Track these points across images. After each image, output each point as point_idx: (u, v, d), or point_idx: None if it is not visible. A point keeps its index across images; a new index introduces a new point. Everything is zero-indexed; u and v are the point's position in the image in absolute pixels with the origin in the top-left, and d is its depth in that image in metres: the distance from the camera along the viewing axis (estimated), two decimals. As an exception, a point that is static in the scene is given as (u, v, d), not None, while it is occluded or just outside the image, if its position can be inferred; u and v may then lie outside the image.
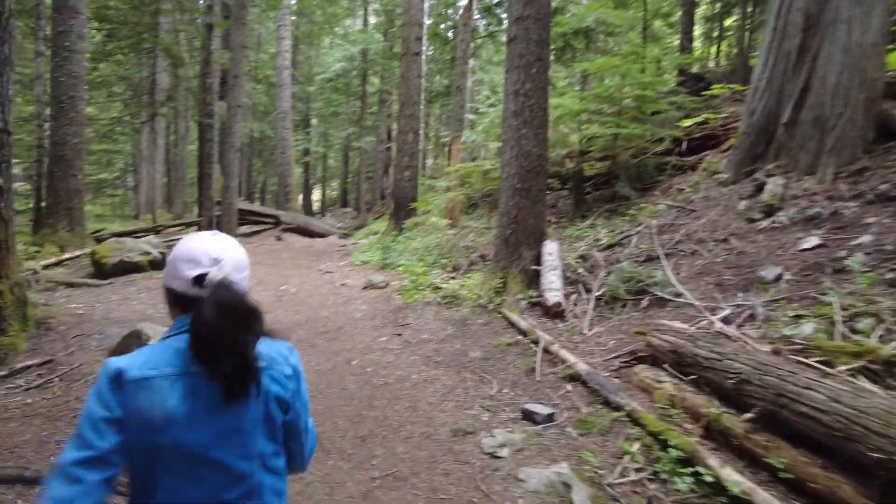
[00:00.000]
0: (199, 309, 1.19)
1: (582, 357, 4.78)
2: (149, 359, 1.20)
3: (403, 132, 13.16)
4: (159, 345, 1.26)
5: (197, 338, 1.17)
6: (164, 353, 1.22)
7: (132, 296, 7.19)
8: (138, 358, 1.21)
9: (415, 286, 7.66)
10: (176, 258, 1.32)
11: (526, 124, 6.69)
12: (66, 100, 9.17)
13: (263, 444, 1.27)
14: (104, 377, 1.17)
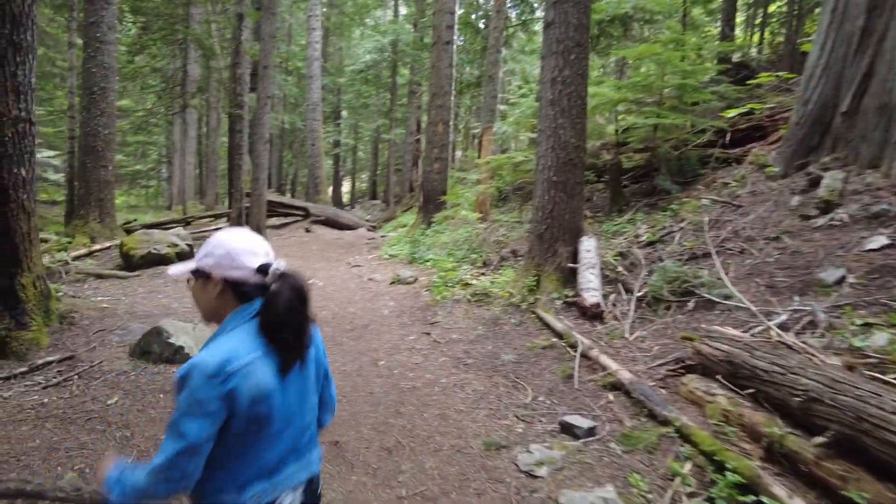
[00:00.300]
0: (277, 295, 1.37)
1: (624, 364, 4.45)
2: (238, 347, 1.33)
3: (433, 123, 12.88)
4: (236, 334, 1.36)
5: (279, 320, 1.37)
6: (247, 339, 1.35)
7: (158, 289, 7.10)
8: (225, 350, 1.31)
9: (444, 282, 7.40)
10: (236, 251, 1.40)
11: (563, 113, 6.33)
12: (98, 91, 9.15)
13: (315, 397, 1.57)
14: (200, 377, 1.27)
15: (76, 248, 8.62)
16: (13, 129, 4.45)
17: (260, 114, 12.79)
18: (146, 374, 4.18)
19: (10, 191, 4.45)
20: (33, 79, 4.63)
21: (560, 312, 5.79)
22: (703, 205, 7.48)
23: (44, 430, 3.15)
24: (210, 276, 1.42)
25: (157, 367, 4.32)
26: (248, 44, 13.64)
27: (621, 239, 7.57)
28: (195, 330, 4.81)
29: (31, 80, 4.62)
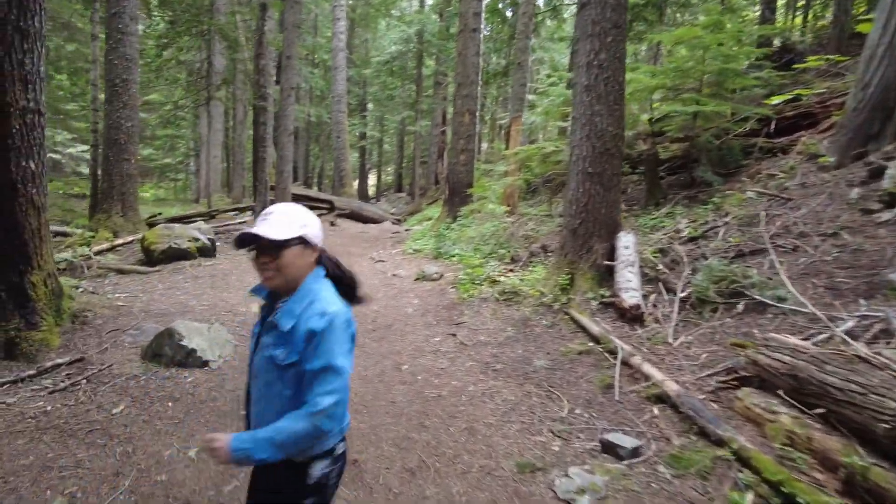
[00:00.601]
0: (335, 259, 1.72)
1: (669, 373, 4.06)
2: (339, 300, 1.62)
3: (459, 113, 12.50)
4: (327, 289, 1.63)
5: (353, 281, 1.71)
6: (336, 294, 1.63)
7: (178, 285, 6.93)
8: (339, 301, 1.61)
9: (470, 280, 7.06)
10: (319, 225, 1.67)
11: (600, 100, 5.91)
12: (120, 83, 9.02)
13: None
14: (343, 320, 1.56)
15: (99, 242, 8.53)
16: (21, 121, 4.25)
17: (284, 105, 12.60)
18: (157, 379, 3.95)
19: (19, 185, 4.26)
20: (42, 67, 4.42)
21: (596, 314, 5.40)
22: (748, 198, 6.98)
23: (40, 444, 2.92)
24: (314, 246, 1.63)
25: (169, 371, 4.09)
26: (271, 35, 13.44)
27: (660, 234, 7.12)
28: (210, 331, 4.58)
29: (40, 69, 4.41)
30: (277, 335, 1.56)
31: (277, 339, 1.56)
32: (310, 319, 1.51)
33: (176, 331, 4.22)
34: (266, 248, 1.55)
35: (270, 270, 1.57)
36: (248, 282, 7.39)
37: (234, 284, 7.16)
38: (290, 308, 1.56)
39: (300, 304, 1.56)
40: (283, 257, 1.54)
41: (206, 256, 8.44)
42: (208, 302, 6.16)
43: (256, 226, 1.55)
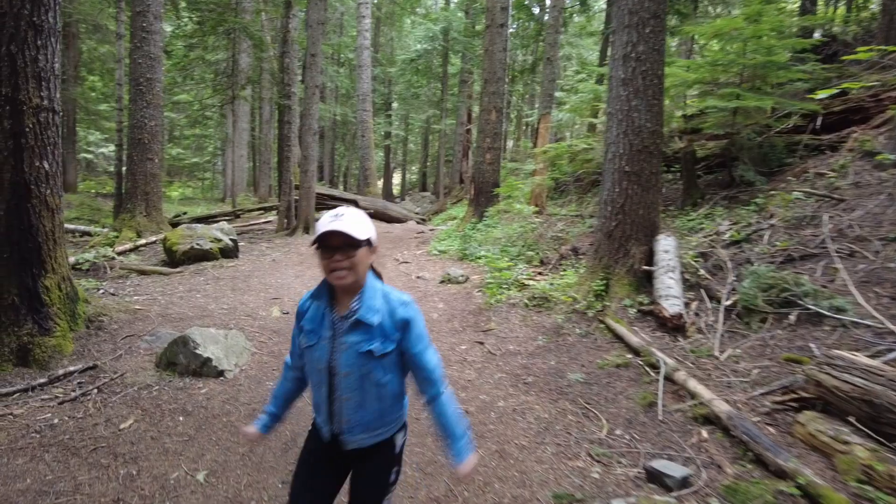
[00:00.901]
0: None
1: (718, 391, 3.72)
2: None
3: (486, 111, 12.19)
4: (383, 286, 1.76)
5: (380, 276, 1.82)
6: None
7: (198, 287, 6.79)
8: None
9: (498, 283, 6.77)
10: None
11: (637, 94, 5.56)
12: (144, 82, 8.97)
13: None
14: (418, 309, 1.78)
15: (123, 242, 8.49)
16: (34, 119, 4.10)
17: (308, 104, 12.46)
18: (170, 390, 3.76)
19: (32, 186, 4.12)
20: (57, 64, 4.28)
21: (634, 323, 5.06)
22: (795, 198, 6.54)
23: (41, 463, 2.73)
24: (375, 247, 1.70)
25: (183, 381, 3.90)
26: (296, 33, 13.33)
27: (699, 236, 6.72)
28: (227, 338, 4.38)
29: (55, 66, 4.27)
30: (366, 331, 1.65)
31: (368, 334, 1.65)
32: (396, 311, 1.67)
33: (191, 338, 4.03)
34: (343, 246, 1.60)
35: (344, 269, 1.61)
36: (269, 283, 7.23)
37: (256, 287, 7.00)
38: (369, 305, 1.66)
39: (375, 300, 1.67)
40: (357, 256, 1.61)
41: (228, 257, 8.32)
42: (228, 305, 6.00)
43: (332, 224, 1.58)
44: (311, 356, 1.70)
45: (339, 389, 1.67)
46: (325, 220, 1.60)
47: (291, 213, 13.06)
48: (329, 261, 1.60)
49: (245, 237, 12.26)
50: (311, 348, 1.69)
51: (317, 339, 1.68)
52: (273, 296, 6.60)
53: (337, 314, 1.68)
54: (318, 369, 1.68)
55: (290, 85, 13.11)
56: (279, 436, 3.22)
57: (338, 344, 1.65)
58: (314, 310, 1.72)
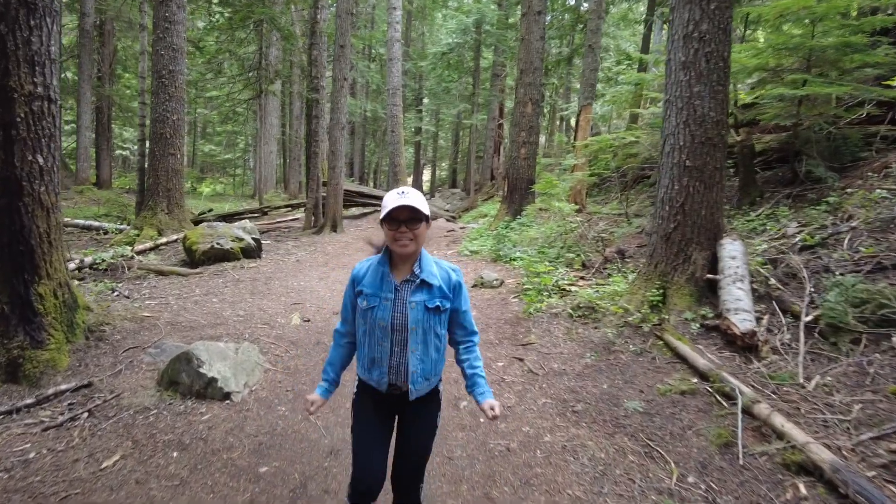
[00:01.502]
0: None
1: (814, 432, 3.07)
2: None
3: (521, 103, 11.56)
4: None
5: None
6: None
7: (216, 290, 6.39)
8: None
9: (537, 289, 6.18)
10: None
11: (700, 79, 4.89)
12: (167, 74, 8.64)
13: None
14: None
15: (143, 240, 8.18)
16: (27, 108, 3.70)
17: (336, 97, 12.04)
18: (168, 415, 3.30)
19: (24, 182, 3.72)
20: (54, 48, 3.87)
21: (697, 340, 4.42)
22: (879, 197, 5.76)
23: (-2, 516, 2.30)
24: (430, 225, 1.97)
25: (185, 404, 3.44)
26: (325, 24, 12.92)
27: (762, 239, 6.00)
28: (237, 352, 3.92)
29: (52, 50, 3.86)
30: (430, 290, 1.92)
31: (431, 293, 1.92)
32: (450, 276, 1.98)
33: (195, 355, 3.57)
34: (408, 219, 1.84)
35: (408, 239, 1.85)
36: (291, 286, 6.79)
37: (276, 290, 6.57)
38: (428, 271, 1.93)
39: (430, 266, 1.95)
40: (419, 228, 1.87)
41: (249, 257, 7.92)
42: (245, 311, 5.56)
43: (401, 200, 1.81)
44: (372, 316, 1.92)
45: (409, 343, 1.91)
46: (393, 197, 1.84)
47: (319, 211, 12.68)
48: (396, 232, 1.84)
49: (271, 235, 11.92)
50: (374, 309, 1.92)
51: (378, 301, 1.92)
52: (294, 300, 6.15)
53: (395, 279, 1.93)
54: (382, 326, 1.91)
55: (319, 78, 12.71)
56: (286, 481, 2.72)
57: (404, 303, 1.90)
58: (373, 275, 1.96)
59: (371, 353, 1.94)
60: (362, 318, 1.95)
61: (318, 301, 6.22)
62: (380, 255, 1.99)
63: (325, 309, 5.90)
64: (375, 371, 1.94)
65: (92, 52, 18.39)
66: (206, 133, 35.83)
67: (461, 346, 2.11)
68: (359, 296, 1.95)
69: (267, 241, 11.04)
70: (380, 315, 1.89)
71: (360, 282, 1.97)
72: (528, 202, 11.59)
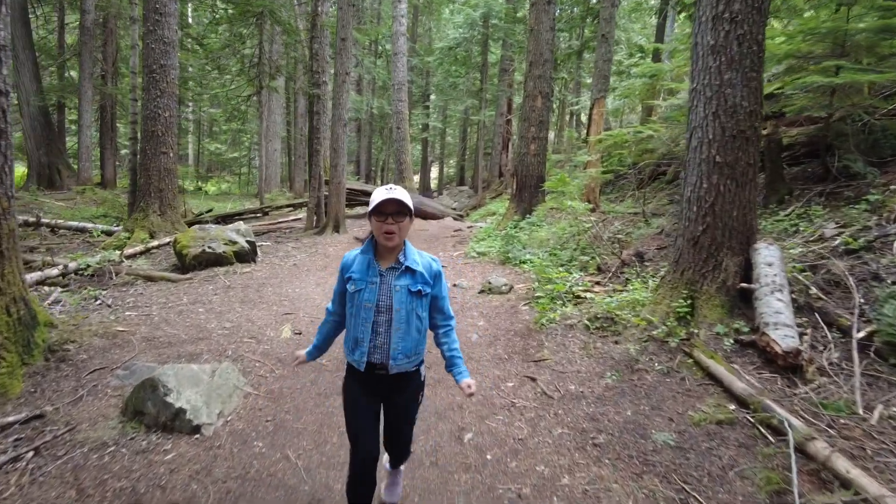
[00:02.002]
0: None
1: (887, 479, 2.58)
2: None
3: (531, 97, 11.06)
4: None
5: None
6: None
7: (204, 297, 5.96)
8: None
9: (549, 297, 5.70)
10: None
11: (732, 65, 4.38)
12: (158, 69, 8.23)
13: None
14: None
15: (134, 243, 7.78)
16: (-28, 102, 3.26)
17: (338, 92, 11.59)
18: (127, 454, 2.86)
19: (-29, 185, 3.29)
20: (4, 33, 3.43)
21: (731, 357, 3.92)
22: (927, 194, 5.23)
23: None
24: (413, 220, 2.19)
25: (148, 439, 3.00)
26: (327, 17, 12.47)
27: (795, 242, 5.48)
28: (214, 375, 3.48)
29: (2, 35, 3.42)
30: (413, 276, 2.14)
31: (414, 278, 2.15)
32: (431, 265, 2.22)
33: (161, 382, 3.13)
34: (395, 213, 2.05)
35: (395, 231, 2.07)
36: (285, 294, 6.35)
37: (269, 298, 6.13)
38: (412, 259, 2.16)
39: (413, 255, 2.18)
40: (404, 222, 2.09)
41: (243, 261, 7.50)
42: (232, 323, 5.12)
43: (388, 194, 2.03)
44: (359, 298, 2.13)
45: (393, 322, 2.12)
46: (381, 192, 2.04)
47: (321, 211, 12.25)
48: (383, 223, 2.05)
49: (271, 236, 11.52)
50: (361, 292, 2.13)
51: (365, 284, 2.12)
52: (287, 310, 5.71)
53: (381, 266, 2.14)
54: (367, 307, 2.12)
55: (321, 73, 12.26)
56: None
57: (389, 287, 2.12)
58: (360, 262, 2.16)
59: (355, 334, 2.15)
60: (350, 301, 2.17)
61: (312, 310, 5.77)
62: (365, 244, 2.19)
63: (320, 319, 5.45)
64: (357, 351, 2.14)
65: (94, 50, 18.07)
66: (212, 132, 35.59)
67: (440, 329, 2.32)
68: (348, 281, 2.17)
69: (266, 243, 10.63)
70: (366, 297, 2.11)
71: (349, 269, 2.18)
72: (539, 201, 11.10)
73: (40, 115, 17.41)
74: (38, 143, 17.16)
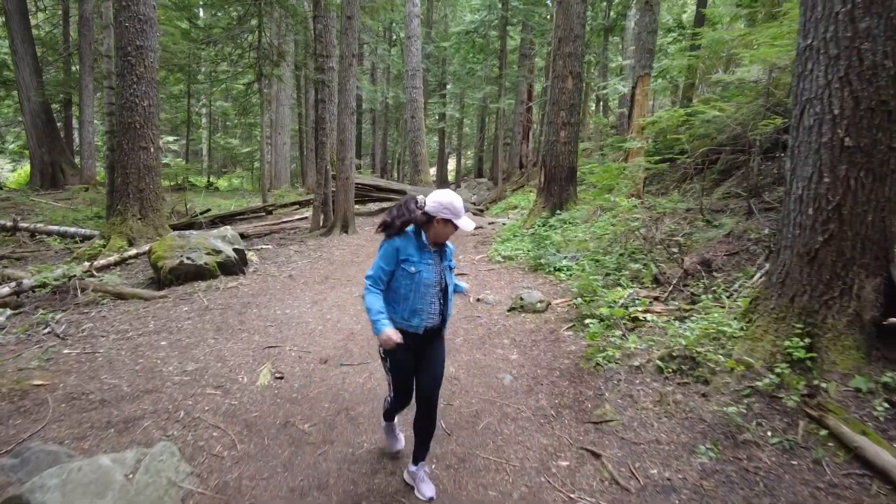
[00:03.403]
0: None
1: None
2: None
3: (560, 77, 9.79)
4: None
5: None
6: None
7: (174, 323, 4.89)
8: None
9: (602, 323, 4.52)
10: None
11: (871, 8, 3.12)
12: (133, 51, 7.15)
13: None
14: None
15: (109, 252, 6.75)
16: None
17: (344, 77, 10.44)
18: None
19: None
20: None
21: (887, 428, 2.71)
22: None
23: None
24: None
25: None
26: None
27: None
28: (138, 473, 2.38)
29: None
30: (446, 255, 2.61)
31: (448, 257, 2.62)
32: (450, 246, 2.64)
33: (26, 501, 2.03)
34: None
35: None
36: (272, 317, 5.24)
37: (252, 323, 5.02)
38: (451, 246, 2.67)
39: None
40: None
41: (229, 273, 6.41)
42: (197, 363, 4.03)
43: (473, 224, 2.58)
44: (420, 278, 2.48)
45: (447, 295, 2.59)
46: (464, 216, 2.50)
47: (329, 209, 11.15)
48: (448, 232, 2.49)
49: (274, 238, 10.47)
50: (420, 272, 2.48)
51: (423, 266, 2.48)
52: (271, 341, 4.59)
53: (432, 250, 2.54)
54: (430, 284, 2.51)
55: (327, 56, 11.12)
56: None
57: (440, 268, 2.55)
58: (413, 246, 2.48)
59: (414, 306, 2.50)
60: (408, 280, 2.48)
61: (303, 341, 4.65)
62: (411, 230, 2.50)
63: (311, 354, 4.33)
64: (415, 318, 2.52)
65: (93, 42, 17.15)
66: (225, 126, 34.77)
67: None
68: (404, 262, 2.47)
69: (267, 246, 9.58)
70: (425, 276, 2.49)
71: (403, 251, 2.47)
72: (570, 195, 9.87)
73: (42, 112, 16.55)
74: (39, 140, 16.32)
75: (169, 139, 28.29)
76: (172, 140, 29.40)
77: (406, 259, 2.43)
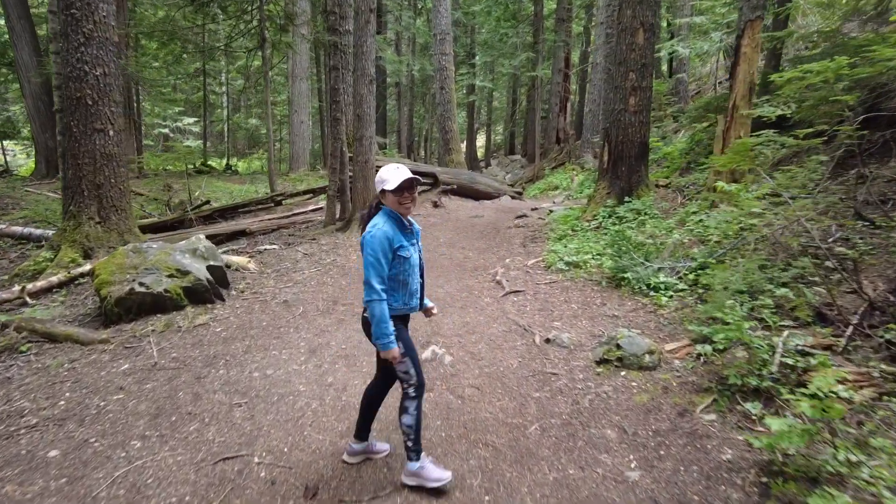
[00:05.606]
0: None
1: None
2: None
3: (628, 30, 7.75)
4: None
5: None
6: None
7: (98, 399, 3.21)
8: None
9: (781, 418, 2.69)
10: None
11: None
12: (79, 5, 5.41)
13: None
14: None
15: (55, 270, 5.16)
16: None
17: (360, 38, 8.60)
18: None
19: None
20: None
21: None
22: None
23: None
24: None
25: None
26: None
27: None
28: None
29: None
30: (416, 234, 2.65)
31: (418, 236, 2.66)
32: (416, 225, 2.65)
33: None
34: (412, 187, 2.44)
35: (411, 202, 2.47)
36: (245, 385, 3.52)
37: (211, 401, 3.27)
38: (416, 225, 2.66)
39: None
40: (416, 192, 2.50)
41: (200, 302, 4.70)
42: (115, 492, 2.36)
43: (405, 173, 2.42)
44: (409, 262, 2.51)
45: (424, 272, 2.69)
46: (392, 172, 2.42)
47: (346, 198, 9.43)
48: (402, 197, 2.42)
49: (282, 235, 8.81)
50: (410, 256, 2.52)
51: (411, 249, 2.53)
52: (231, 445, 2.84)
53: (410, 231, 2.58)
54: (415, 265, 2.57)
55: (341, 17, 9.29)
56: None
57: (417, 246, 2.62)
58: (397, 231, 2.46)
59: (411, 287, 2.56)
60: (406, 265, 2.50)
61: (284, 438, 2.87)
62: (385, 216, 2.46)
63: (293, 472, 2.60)
64: (413, 299, 2.59)
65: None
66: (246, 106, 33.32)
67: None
68: (399, 249, 2.45)
69: (273, 246, 7.93)
70: (414, 258, 2.56)
71: (393, 241, 2.43)
72: (641, 177, 7.91)
73: (43, 94, 15.04)
74: (43, 125, 14.86)
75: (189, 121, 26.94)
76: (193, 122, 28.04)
77: (400, 246, 2.46)
